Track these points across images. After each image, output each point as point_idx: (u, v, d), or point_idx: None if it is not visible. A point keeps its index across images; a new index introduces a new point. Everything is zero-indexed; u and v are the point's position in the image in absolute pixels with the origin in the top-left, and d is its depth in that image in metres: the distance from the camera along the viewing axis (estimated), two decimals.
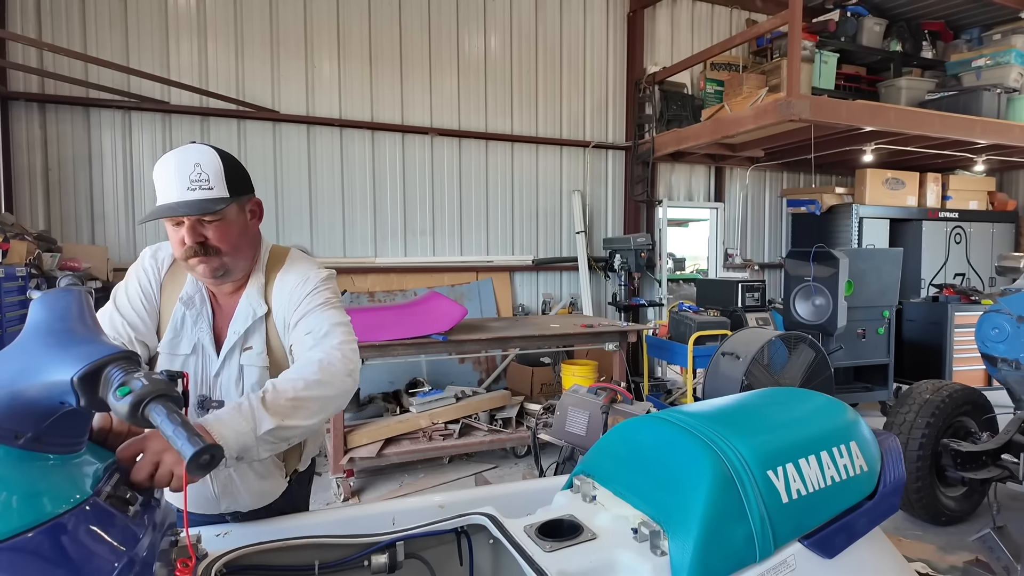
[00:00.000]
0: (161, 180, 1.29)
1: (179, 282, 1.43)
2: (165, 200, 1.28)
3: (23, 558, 0.70)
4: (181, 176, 1.27)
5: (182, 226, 1.30)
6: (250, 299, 1.42)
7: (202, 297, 1.43)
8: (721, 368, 3.98)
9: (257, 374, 1.41)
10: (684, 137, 6.30)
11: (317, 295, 1.41)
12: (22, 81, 4.82)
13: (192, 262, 1.33)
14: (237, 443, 1.05)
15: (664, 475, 1.17)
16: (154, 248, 1.50)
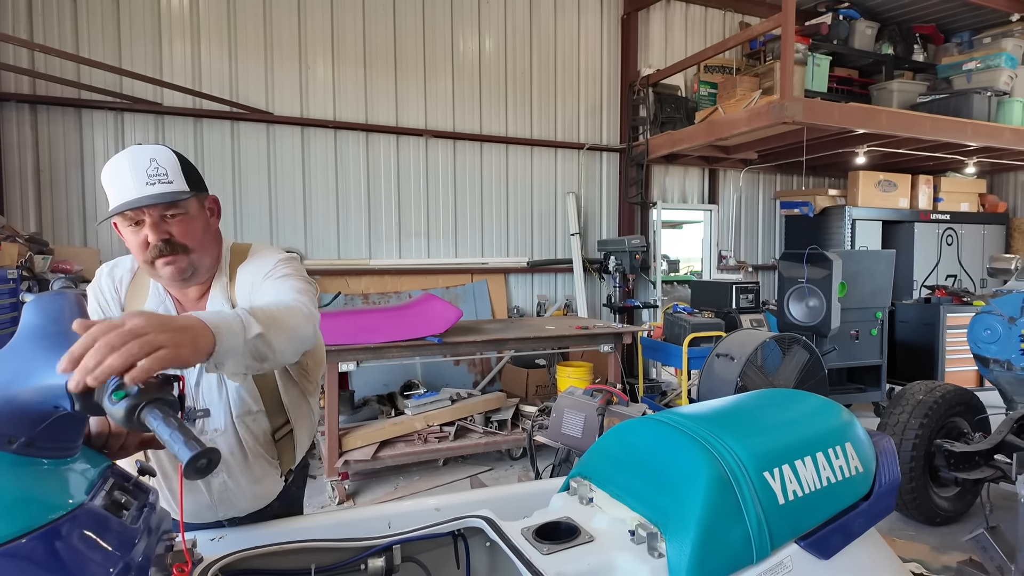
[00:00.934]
0: (115, 179, 1.20)
1: (141, 296, 1.37)
2: (123, 198, 1.19)
3: (17, 564, 0.70)
4: (137, 171, 1.19)
5: (142, 226, 1.22)
6: (215, 301, 1.36)
7: (167, 308, 1.37)
8: (716, 369, 3.99)
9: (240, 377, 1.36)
10: (678, 139, 6.32)
11: (275, 271, 1.34)
12: (13, 82, 4.78)
13: (159, 264, 1.25)
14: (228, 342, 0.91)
15: (661, 477, 1.17)
16: (110, 266, 1.42)
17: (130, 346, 0.74)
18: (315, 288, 1.37)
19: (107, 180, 1.22)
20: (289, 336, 1.08)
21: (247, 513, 1.44)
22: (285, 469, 1.49)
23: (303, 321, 1.15)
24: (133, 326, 0.76)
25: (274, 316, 1.06)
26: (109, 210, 1.23)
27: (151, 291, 1.37)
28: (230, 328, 0.93)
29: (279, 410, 1.43)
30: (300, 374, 1.47)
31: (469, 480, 4.23)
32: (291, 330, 1.09)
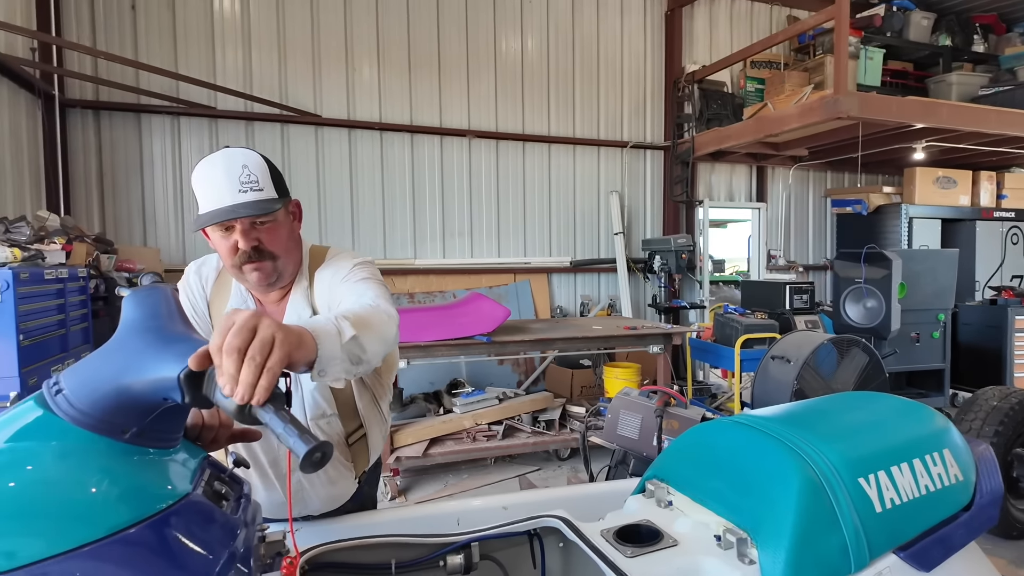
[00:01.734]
0: (208, 184, 1.21)
1: (224, 295, 1.40)
2: (217, 205, 1.20)
3: (134, 551, 0.71)
4: (231, 179, 1.20)
5: (233, 232, 1.24)
6: (295, 305, 1.37)
7: (248, 308, 1.36)
8: (771, 372, 3.88)
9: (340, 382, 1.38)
10: (725, 136, 6.18)
11: (352, 274, 1.34)
12: (78, 89, 4.98)
13: (246, 269, 1.27)
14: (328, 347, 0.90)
15: (748, 481, 1.13)
16: (198, 264, 1.45)
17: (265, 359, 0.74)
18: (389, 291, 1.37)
19: (200, 183, 1.23)
20: (378, 338, 1.07)
21: (319, 513, 1.45)
22: (359, 472, 1.49)
23: (388, 322, 1.15)
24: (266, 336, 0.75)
25: (363, 318, 1.05)
26: (200, 213, 1.23)
27: (234, 291, 1.39)
28: (327, 333, 0.92)
29: (353, 414, 1.44)
30: (374, 379, 1.48)
31: (518, 480, 4.22)
32: (379, 331, 1.09)
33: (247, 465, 1.07)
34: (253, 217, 1.23)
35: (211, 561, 0.76)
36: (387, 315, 1.16)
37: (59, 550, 0.65)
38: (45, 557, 0.64)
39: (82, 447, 0.76)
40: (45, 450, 0.74)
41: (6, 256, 2.60)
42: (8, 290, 2.54)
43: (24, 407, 0.77)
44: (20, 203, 4.29)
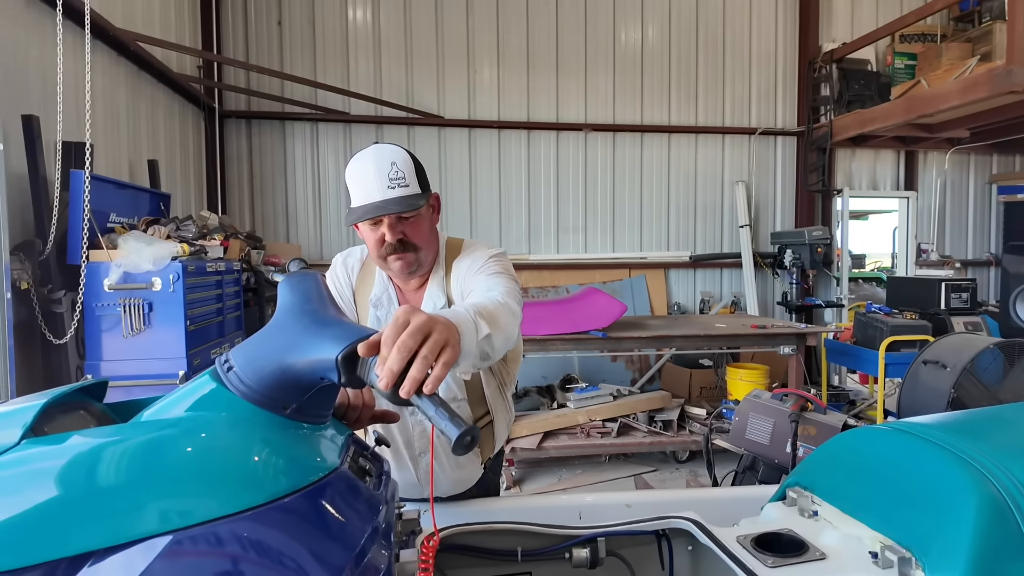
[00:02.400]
0: (360, 179, 1.30)
1: (368, 284, 1.49)
2: (368, 199, 1.30)
3: (291, 518, 0.76)
4: (381, 175, 1.28)
5: (380, 225, 1.32)
6: (432, 294, 1.45)
7: (389, 296, 1.47)
8: (922, 378, 3.49)
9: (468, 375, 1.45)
10: (869, 119, 5.63)
11: (486, 267, 1.40)
12: (233, 100, 5.54)
13: (391, 259, 1.36)
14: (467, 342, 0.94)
15: (913, 495, 1.01)
16: (343, 256, 1.55)
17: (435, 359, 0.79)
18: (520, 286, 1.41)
19: (353, 178, 1.32)
20: (504, 336, 1.10)
21: (447, 495, 1.51)
22: (485, 458, 1.55)
23: (512, 321, 1.17)
24: (439, 340, 0.80)
25: (493, 315, 1.08)
26: (352, 207, 1.32)
27: (376, 279, 1.48)
28: (468, 329, 0.95)
29: (480, 401, 1.49)
30: (500, 367, 1.53)
31: (633, 479, 4.13)
32: (505, 330, 1.11)
33: (388, 444, 1.13)
34: (399, 212, 1.30)
35: (357, 533, 0.80)
36: (512, 314, 1.19)
37: (228, 511, 0.71)
38: (216, 517, 0.70)
39: (249, 419, 0.83)
40: (217, 420, 0.81)
41: (177, 251, 2.95)
42: (179, 280, 2.89)
43: (200, 381, 0.85)
44: (187, 204, 4.86)
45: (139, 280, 2.85)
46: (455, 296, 1.42)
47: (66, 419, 0.86)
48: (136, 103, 4.12)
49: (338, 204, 5.72)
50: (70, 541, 0.66)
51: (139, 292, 2.85)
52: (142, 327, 2.86)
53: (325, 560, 0.76)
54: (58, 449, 0.74)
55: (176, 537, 0.69)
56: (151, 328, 2.88)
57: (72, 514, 0.68)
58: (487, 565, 1.19)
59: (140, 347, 2.88)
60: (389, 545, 0.87)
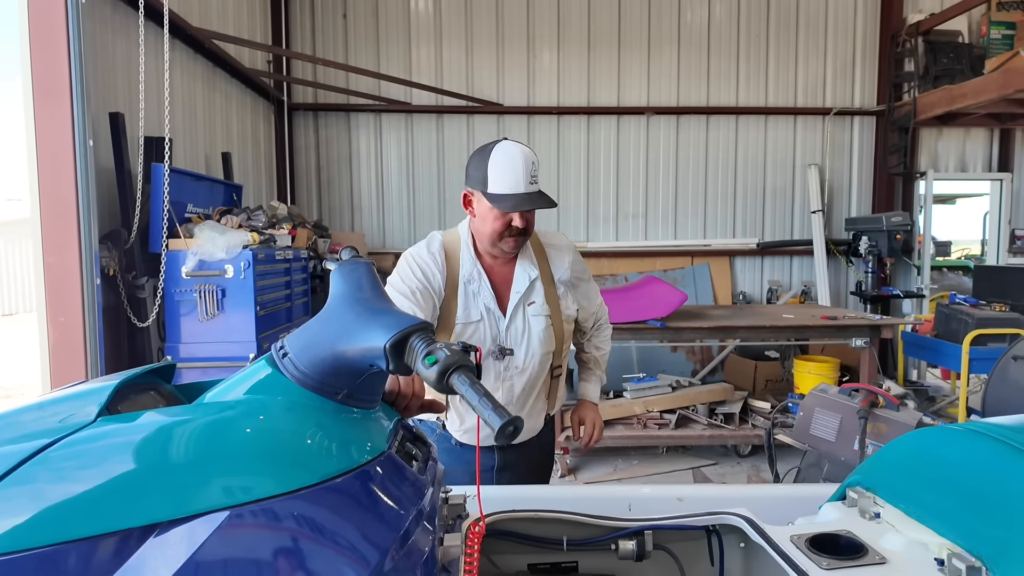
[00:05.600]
0: (509, 170, 1.50)
1: (455, 262, 1.67)
2: (514, 190, 1.50)
3: (340, 498, 0.79)
4: (527, 172, 1.50)
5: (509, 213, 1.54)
6: (524, 267, 1.68)
7: (479, 272, 1.66)
8: (1011, 375, 3.25)
9: (543, 322, 1.67)
10: (959, 95, 5.22)
11: (588, 273, 1.86)
12: (301, 93, 5.74)
13: (508, 239, 1.58)
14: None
15: (988, 501, 0.95)
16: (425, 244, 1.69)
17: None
18: None
19: (500, 167, 1.50)
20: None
21: (519, 442, 1.72)
22: (549, 409, 1.81)
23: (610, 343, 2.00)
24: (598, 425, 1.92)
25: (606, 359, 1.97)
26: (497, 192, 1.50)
27: (464, 259, 1.67)
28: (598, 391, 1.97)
29: (560, 354, 1.76)
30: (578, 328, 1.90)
31: (692, 472, 4.06)
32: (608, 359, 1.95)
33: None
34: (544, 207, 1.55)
35: (403, 515, 0.82)
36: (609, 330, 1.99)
37: (283, 490, 0.75)
38: (272, 495, 0.74)
39: (303, 403, 0.87)
40: (274, 403, 0.85)
41: (248, 239, 3.10)
42: (249, 268, 3.04)
43: (257, 366, 0.90)
44: (259, 195, 5.09)
45: (213, 267, 3.02)
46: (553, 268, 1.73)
47: (138, 399, 0.93)
48: (211, 98, 4.34)
49: (399, 194, 5.84)
50: (139, 512, 0.71)
51: (213, 279, 3.02)
52: (216, 312, 3.03)
53: (372, 539, 0.79)
54: (130, 427, 0.80)
55: (235, 512, 0.73)
56: (224, 313, 3.05)
57: (141, 487, 0.73)
58: (532, 552, 1.21)
59: (214, 330, 3.06)
60: (434, 528, 0.89)
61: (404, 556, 0.81)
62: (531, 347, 1.66)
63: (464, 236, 1.69)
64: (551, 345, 1.70)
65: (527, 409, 1.71)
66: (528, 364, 1.67)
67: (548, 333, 1.68)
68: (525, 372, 1.67)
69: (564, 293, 1.73)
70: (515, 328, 1.66)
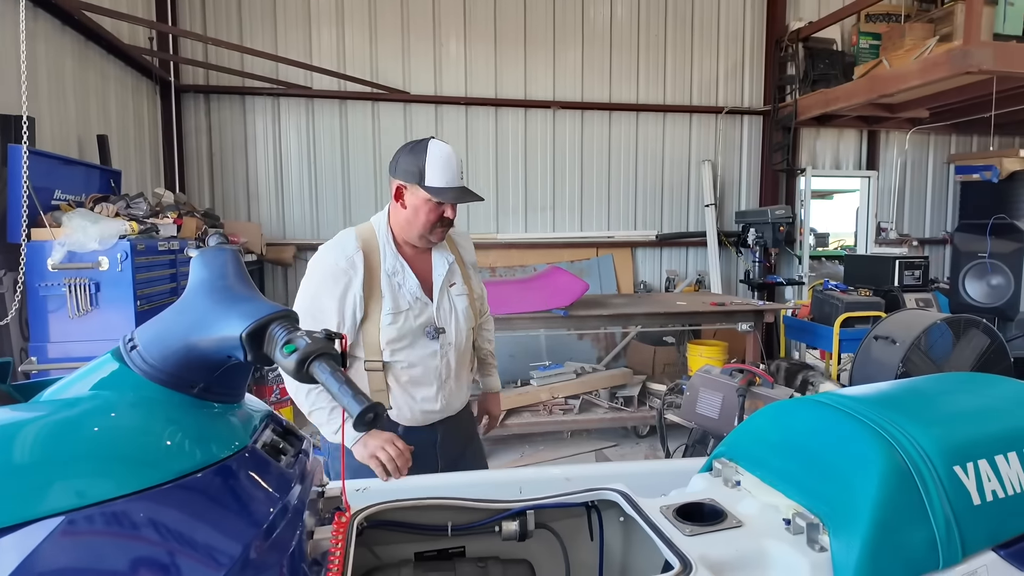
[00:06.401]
0: (444, 165, 1.64)
1: (375, 259, 1.73)
2: (449, 184, 1.65)
3: (194, 496, 0.76)
4: (459, 168, 1.68)
5: (443, 206, 1.68)
6: (441, 253, 1.83)
7: (401, 264, 1.76)
8: (873, 354, 3.59)
9: (464, 301, 1.83)
10: (833, 98, 5.70)
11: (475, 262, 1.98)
12: (191, 74, 5.37)
13: (438, 231, 1.72)
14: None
15: (825, 464, 1.05)
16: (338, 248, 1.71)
17: None
18: None
19: (436, 161, 1.64)
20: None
21: (456, 412, 1.87)
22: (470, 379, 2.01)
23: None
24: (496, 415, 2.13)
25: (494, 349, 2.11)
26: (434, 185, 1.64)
27: (384, 254, 1.74)
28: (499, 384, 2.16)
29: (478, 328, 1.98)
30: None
31: (594, 454, 4.20)
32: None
33: None
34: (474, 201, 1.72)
35: (264, 510, 0.80)
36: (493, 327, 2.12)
37: (126, 491, 0.70)
38: (113, 497, 0.70)
39: (153, 399, 0.82)
40: (119, 400, 0.80)
41: (125, 229, 2.87)
42: (127, 260, 2.82)
43: (102, 360, 0.83)
44: (142, 181, 4.72)
45: (85, 259, 2.77)
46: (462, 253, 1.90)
47: None
48: (84, 76, 3.97)
49: (300, 182, 5.61)
50: None
51: (85, 272, 2.78)
52: (89, 307, 2.79)
53: (230, 535, 0.76)
54: None
55: (70, 517, 0.68)
56: (99, 308, 2.81)
57: None
58: (418, 540, 1.21)
59: (88, 328, 2.81)
60: (301, 522, 0.87)
61: (268, 550, 0.78)
62: (459, 324, 1.81)
63: (381, 230, 1.75)
64: (472, 321, 1.87)
65: (461, 380, 1.87)
66: (457, 339, 1.81)
67: (470, 310, 1.85)
68: (457, 347, 1.81)
69: (472, 275, 1.92)
70: (444, 309, 1.80)
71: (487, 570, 1.10)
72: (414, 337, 1.73)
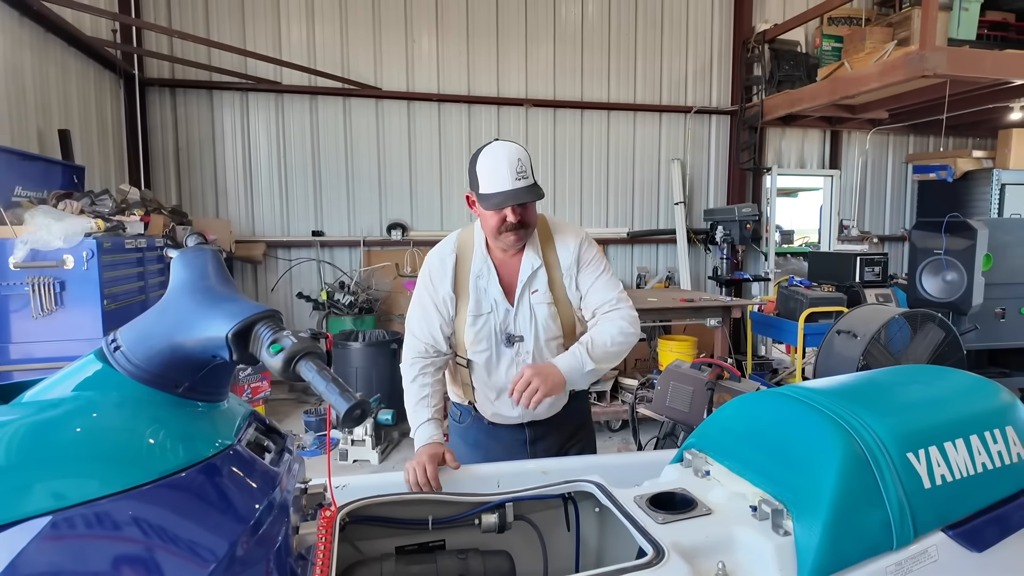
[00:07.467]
0: (493, 170, 1.57)
1: (467, 263, 1.74)
2: (501, 188, 1.56)
3: (180, 495, 0.77)
4: (511, 169, 1.56)
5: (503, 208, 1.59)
6: (529, 257, 1.73)
7: (488, 267, 1.72)
8: (836, 347, 3.72)
9: (545, 310, 1.73)
10: (797, 99, 5.85)
11: (599, 263, 1.78)
12: (156, 68, 5.25)
13: (508, 235, 1.64)
14: (569, 377, 1.59)
15: (788, 453, 1.10)
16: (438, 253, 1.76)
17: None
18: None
19: (485, 169, 1.58)
20: (617, 356, 1.70)
21: (544, 418, 1.80)
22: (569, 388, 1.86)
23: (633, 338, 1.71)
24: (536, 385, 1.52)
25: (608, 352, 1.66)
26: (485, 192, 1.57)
27: (475, 256, 1.73)
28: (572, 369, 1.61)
29: (573, 337, 1.78)
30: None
31: None
32: (620, 354, 1.70)
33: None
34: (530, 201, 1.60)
35: (250, 507, 0.81)
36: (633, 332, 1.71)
37: (111, 490, 0.71)
38: (99, 497, 0.70)
39: (137, 398, 0.82)
40: (103, 400, 0.80)
41: (90, 227, 2.80)
42: (93, 258, 2.76)
43: (85, 361, 0.84)
44: (106, 178, 4.60)
45: (49, 258, 2.71)
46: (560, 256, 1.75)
47: None
48: (44, 69, 3.86)
49: (270, 178, 5.53)
50: None
51: (49, 270, 2.71)
52: (54, 307, 2.73)
53: (217, 533, 0.77)
54: None
55: (56, 517, 0.68)
56: (64, 308, 2.75)
57: None
58: (400, 535, 1.23)
59: (53, 328, 2.75)
60: (286, 518, 0.88)
61: (254, 546, 0.80)
62: (538, 333, 1.72)
63: (478, 233, 1.75)
64: (557, 331, 1.74)
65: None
66: (537, 349, 1.73)
67: (554, 320, 1.73)
68: (537, 357, 1.72)
69: (570, 281, 1.75)
70: (523, 316, 1.73)
71: (467, 562, 1.13)
72: (493, 342, 1.71)
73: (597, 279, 1.75)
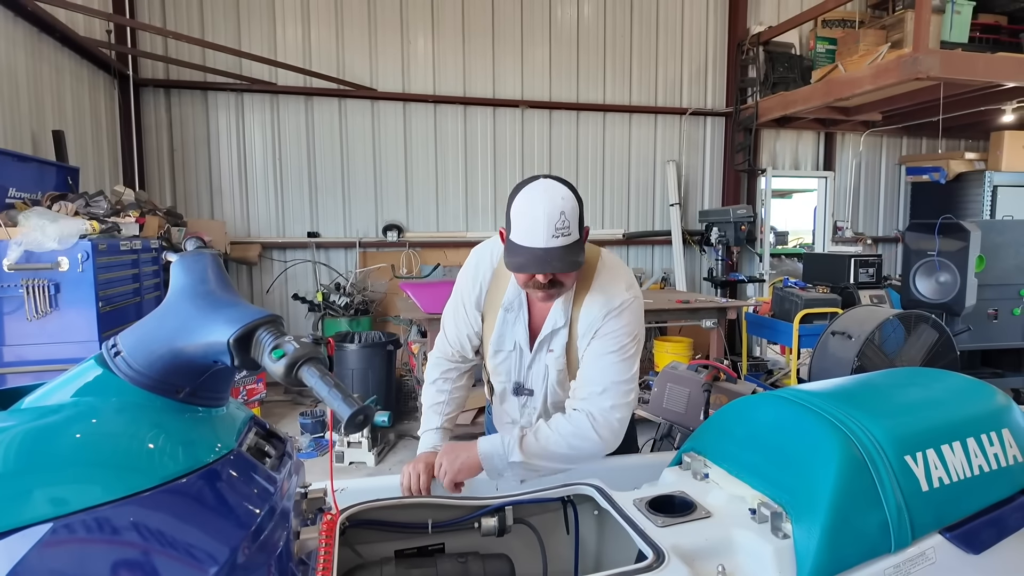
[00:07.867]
0: (528, 220, 1.30)
1: (501, 288, 1.56)
2: (532, 243, 1.29)
3: (182, 500, 0.77)
4: (549, 224, 1.28)
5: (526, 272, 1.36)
6: (554, 315, 1.50)
7: (520, 302, 1.53)
8: (830, 348, 3.74)
9: (556, 374, 1.54)
10: (791, 101, 5.88)
11: (615, 339, 1.45)
12: (150, 68, 5.22)
13: (536, 291, 1.40)
14: (488, 462, 1.37)
15: (787, 456, 1.11)
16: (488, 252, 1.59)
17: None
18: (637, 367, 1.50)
19: (520, 216, 1.31)
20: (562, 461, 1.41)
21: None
22: None
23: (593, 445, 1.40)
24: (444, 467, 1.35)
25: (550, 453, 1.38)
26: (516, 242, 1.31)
27: (511, 284, 1.52)
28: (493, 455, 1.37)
29: None
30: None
31: None
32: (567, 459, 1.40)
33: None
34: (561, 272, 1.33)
35: (252, 512, 0.81)
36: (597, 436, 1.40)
37: (111, 497, 0.71)
38: (101, 503, 0.70)
39: (138, 404, 0.82)
40: (104, 405, 0.80)
41: (85, 228, 2.79)
42: (88, 260, 2.74)
43: (85, 366, 0.83)
44: (100, 179, 4.58)
45: (43, 260, 2.69)
46: (579, 328, 1.48)
47: None
48: (38, 69, 3.83)
49: (265, 179, 5.52)
50: None
51: (44, 272, 2.69)
52: (48, 309, 2.71)
53: (219, 538, 0.77)
54: None
55: (58, 524, 0.68)
56: (59, 310, 2.73)
57: None
58: (400, 538, 1.23)
59: (48, 330, 2.73)
60: (287, 523, 0.88)
61: (256, 551, 0.80)
62: (549, 391, 1.59)
63: None
64: (564, 397, 1.57)
65: None
66: (544, 408, 1.60)
67: (561, 386, 1.57)
68: (544, 416, 1.58)
69: (584, 347, 1.50)
70: (537, 368, 1.58)
71: (467, 565, 1.13)
72: (510, 379, 1.60)
73: (601, 356, 1.44)
